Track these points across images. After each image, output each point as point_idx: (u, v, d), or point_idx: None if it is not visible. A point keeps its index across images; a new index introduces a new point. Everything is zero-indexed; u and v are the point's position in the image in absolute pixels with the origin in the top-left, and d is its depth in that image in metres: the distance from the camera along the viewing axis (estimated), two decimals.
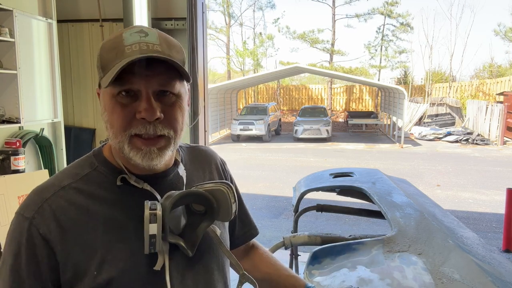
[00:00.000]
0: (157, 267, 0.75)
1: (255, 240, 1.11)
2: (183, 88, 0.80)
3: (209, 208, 0.80)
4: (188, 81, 0.80)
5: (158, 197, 0.80)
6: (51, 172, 3.37)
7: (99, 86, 0.79)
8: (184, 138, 0.83)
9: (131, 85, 0.73)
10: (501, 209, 5.24)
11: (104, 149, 0.85)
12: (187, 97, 0.82)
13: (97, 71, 0.78)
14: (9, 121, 3.04)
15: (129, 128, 0.74)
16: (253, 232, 1.09)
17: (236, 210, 0.83)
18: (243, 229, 1.05)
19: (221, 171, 1.01)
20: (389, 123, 17.85)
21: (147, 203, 0.73)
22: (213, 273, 0.87)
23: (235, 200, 0.82)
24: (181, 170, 0.87)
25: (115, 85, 0.73)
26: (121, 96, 0.74)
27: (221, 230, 0.89)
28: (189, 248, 0.78)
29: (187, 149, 0.98)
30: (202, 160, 0.98)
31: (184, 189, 0.85)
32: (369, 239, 1.39)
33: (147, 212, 0.72)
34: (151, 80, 0.73)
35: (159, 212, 0.73)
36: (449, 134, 15.88)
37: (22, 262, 0.73)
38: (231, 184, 0.83)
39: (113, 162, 0.82)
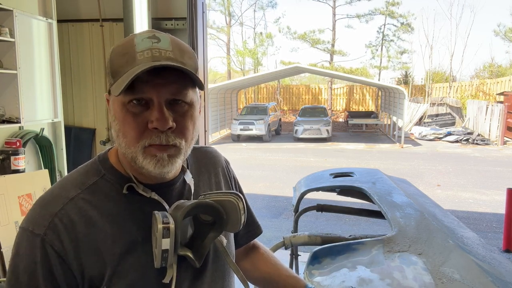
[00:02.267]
0: (166, 280, 0.74)
1: (256, 240, 1.10)
2: (196, 95, 0.78)
3: (218, 219, 0.78)
4: (201, 89, 0.77)
5: (166, 206, 0.78)
6: (51, 172, 3.37)
7: (109, 92, 0.76)
8: None
9: (143, 93, 0.71)
10: (501, 209, 5.23)
11: (109, 154, 0.82)
12: (199, 104, 0.80)
13: (107, 77, 0.76)
14: (9, 121, 3.04)
15: (142, 138, 0.72)
16: (257, 231, 1.08)
17: (245, 221, 0.81)
18: (247, 228, 1.04)
19: (226, 173, 1.00)
20: (389, 123, 17.85)
21: (159, 215, 0.71)
22: (218, 283, 0.86)
23: (244, 212, 0.80)
24: (188, 178, 0.86)
25: (126, 93, 0.71)
26: (132, 105, 0.72)
27: (227, 239, 0.88)
28: (197, 259, 0.77)
29: (191, 151, 0.97)
30: (207, 162, 0.97)
31: (192, 198, 0.84)
32: (369, 239, 1.38)
33: (160, 225, 0.69)
34: (163, 88, 0.72)
35: (172, 225, 0.70)
36: (449, 134, 15.88)
37: (39, 282, 0.71)
38: (240, 195, 0.81)
39: (120, 169, 0.80)
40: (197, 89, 0.78)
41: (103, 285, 0.72)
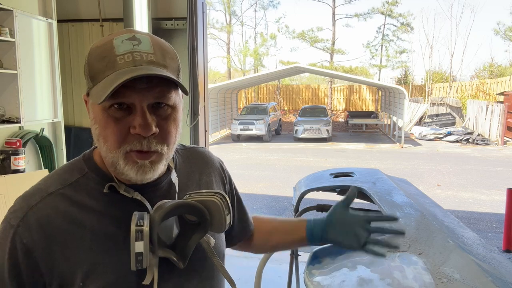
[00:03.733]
0: (146, 281, 0.72)
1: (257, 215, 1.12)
2: (178, 97, 0.76)
3: (202, 220, 0.77)
4: (185, 93, 0.75)
5: (149, 206, 0.77)
6: None
7: (88, 94, 0.74)
8: (184, 138, 0.82)
9: (124, 98, 0.69)
10: (502, 209, 5.23)
11: (94, 153, 0.82)
12: (181, 104, 0.79)
13: (85, 78, 0.74)
14: (9, 121, 3.04)
15: (124, 144, 0.70)
16: (252, 228, 1.08)
17: (230, 222, 0.80)
18: (242, 225, 1.04)
19: (219, 173, 0.99)
20: (389, 123, 17.85)
21: (135, 217, 0.70)
22: (206, 284, 0.85)
23: (229, 212, 0.79)
24: (174, 177, 0.84)
25: (108, 98, 0.69)
26: (113, 109, 0.70)
27: (216, 239, 0.86)
28: (181, 260, 0.75)
29: (182, 151, 0.94)
30: (198, 162, 0.95)
31: (176, 197, 0.82)
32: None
33: (133, 228, 0.68)
34: (147, 93, 0.69)
35: (146, 228, 0.69)
36: (449, 134, 15.88)
37: (5, 272, 0.71)
38: (225, 194, 0.80)
39: (103, 168, 0.79)
40: (179, 90, 0.76)
41: (78, 283, 0.71)
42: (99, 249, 0.73)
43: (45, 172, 3.19)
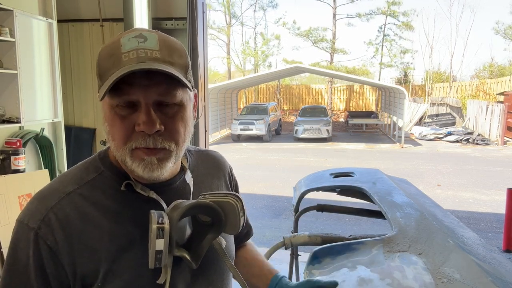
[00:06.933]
0: (161, 281, 0.73)
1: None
2: (186, 95, 0.74)
3: (217, 221, 0.77)
4: (190, 89, 0.74)
5: (164, 206, 0.77)
6: (51, 172, 3.37)
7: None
8: None
9: (129, 96, 0.69)
10: (502, 209, 5.23)
11: (110, 152, 0.81)
12: (191, 104, 0.78)
13: (96, 79, 0.74)
14: (9, 121, 3.04)
15: (129, 141, 0.71)
16: (251, 232, 1.10)
17: (244, 223, 0.80)
18: (243, 229, 1.04)
19: (228, 178, 1.00)
20: (389, 123, 17.85)
21: (154, 215, 0.70)
22: (217, 285, 0.85)
23: (243, 214, 0.79)
24: (188, 178, 0.84)
25: (113, 96, 0.69)
26: (120, 108, 0.70)
27: (226, 241, 0.86)
28: (194, 260, 0.75)
29: (195, 153, 0.95)
30: (210, 166, 0.96)
31: (191, 198, 0.82)
32: (369, 239, 1.38)
33: (154, 226, 0.68)
34: (150, 90, 0.69)
35: (166, 226, 0.69)
36: (449, 134, 15.88)
37: (31, 276, 0.70)
38: (240, 196, 0.80)
39: (119, 167, 0.79)
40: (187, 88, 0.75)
41: (97, 283, 0.71)
42: (116, 249, 0.73)
43: (45, 172, 3.19)
